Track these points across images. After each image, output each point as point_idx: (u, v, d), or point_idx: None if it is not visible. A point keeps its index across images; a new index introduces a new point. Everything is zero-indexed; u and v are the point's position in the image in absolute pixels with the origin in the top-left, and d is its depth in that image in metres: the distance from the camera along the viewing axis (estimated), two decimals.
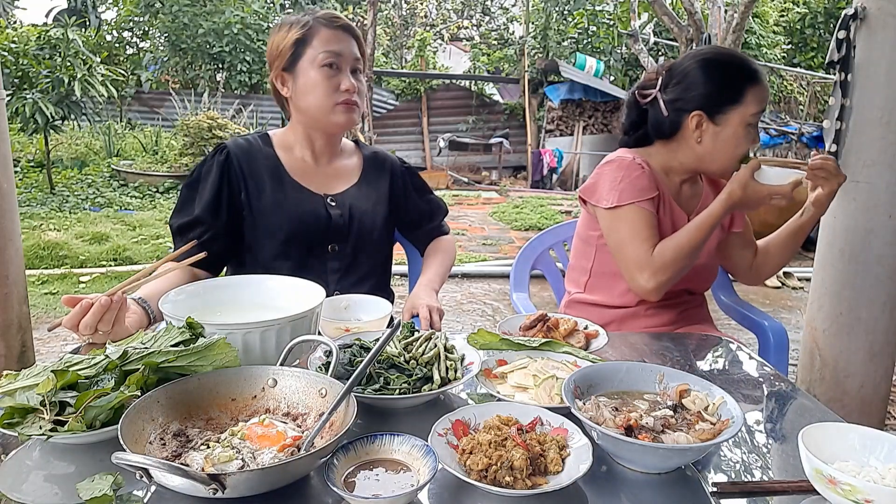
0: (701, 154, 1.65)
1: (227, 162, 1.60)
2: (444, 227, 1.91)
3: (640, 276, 1.58)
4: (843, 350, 2.41)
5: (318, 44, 1.56)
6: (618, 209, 1.62)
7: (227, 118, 8.30)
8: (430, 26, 17.40)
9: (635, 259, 1.59)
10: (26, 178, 7.89)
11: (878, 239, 2.30)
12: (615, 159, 1.70)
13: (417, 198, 1.83)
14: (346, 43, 1.58)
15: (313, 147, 1.67)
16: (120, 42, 12.58)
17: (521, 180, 11.10)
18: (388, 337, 0.99)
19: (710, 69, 1.61)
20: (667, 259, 1.55)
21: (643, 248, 1.58)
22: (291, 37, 1.57)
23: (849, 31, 2.28)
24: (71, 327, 1.18)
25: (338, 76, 1.57)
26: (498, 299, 4.68)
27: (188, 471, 0.73)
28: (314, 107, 1.57)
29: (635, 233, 1.60)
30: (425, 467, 0.83)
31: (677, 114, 1.65)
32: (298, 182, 1.63)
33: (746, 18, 7.42)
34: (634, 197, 1.61)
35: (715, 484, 0.89)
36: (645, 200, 1.62)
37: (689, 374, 1.04)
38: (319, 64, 1.55)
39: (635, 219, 1.61)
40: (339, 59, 1.56)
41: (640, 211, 1.61)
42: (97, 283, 4.71)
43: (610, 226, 1.66)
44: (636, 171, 1.64)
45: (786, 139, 8.41)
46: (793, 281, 5.23)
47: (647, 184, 1.63)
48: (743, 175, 1.53)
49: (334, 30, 1.58)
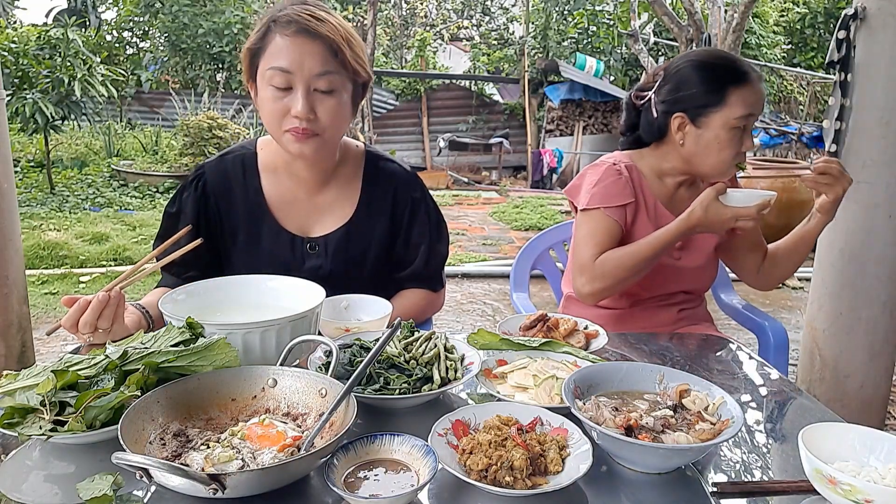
0: (686, 156, 1.64)
1: (204, 197, 1.45)
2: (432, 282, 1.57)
3: (578, 279, 1.61)
4: (843, 350, 2.41)
5: (269, 56, 1.30)
6: (586, 211, 1.65)
7: (227, 118, 8.29)
8: (430, 26, 17.40)
9: (579, 262, 1.62)
10: (26, 178, 7.88)
11: (878, 239, 2.30)
12: (599, 163, 1.73)
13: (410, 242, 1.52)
14: (304, 55, 1.27)
15: (297, 173, 1.44)
16: (120, 42, 12.58)
17: (521, 180, 11.10)
18: (388, 337, 0.99)
19: (695, 71, 1.60)
20: (606, 269, 1.57)
21: (589, 253, 1.60)
22: (248, 44, 1.35)
23: (849, 31, 2.29)
24: (70, 327, 1.15)
25: (286, 98, 1.29)
26: (498, 299, 4.67)
27: (188, 471, 0.73)
28: (268, 130, 1.36)
29: (589, 237, 1.62)
30: (425, 467, 0.83)
31: (664, 116, 1.64)
32: (277, 221, 1.45)
33: (746, 18, 7.42)
34: (603, 202, 1.63)
35: (715, 484, 0.89)
36: (612, 208, 1.62)
37: (689, 374, 1.04)
38: (268, 82, 1.30)
39: (595, 224, 1.63)
40: (289, 77, 1.28)
41: (603, 218, 1.63)
42: (97, 283, 4.70)
43: (576, 225, 1.71)
44: (612, 177, 1.66)
45: (786, 139, 8.41)
46: (793, 281, 5.22)
47: (621, 191, 1.65)
48: (704, 197, 1.50)
49: (290, 37, 1.28)
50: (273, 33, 1.30)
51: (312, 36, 1.28)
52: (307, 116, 1.28)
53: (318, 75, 1.29)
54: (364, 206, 1.48)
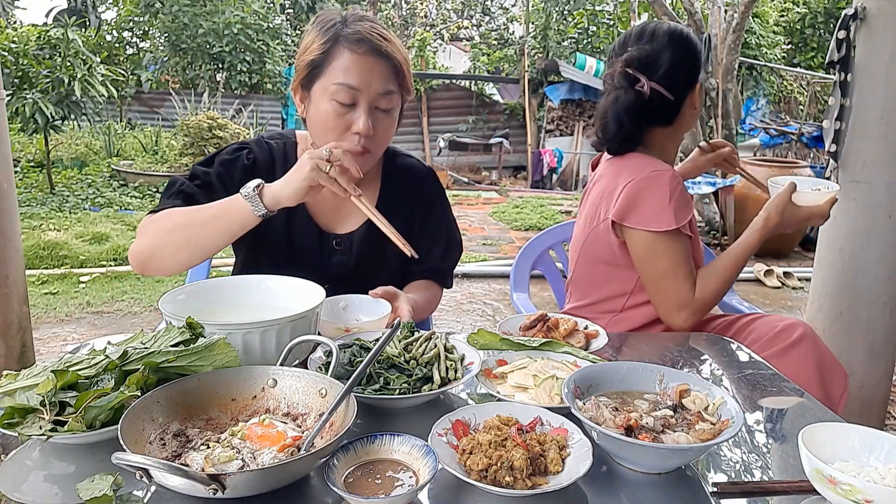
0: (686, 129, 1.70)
1: (254, 168, 1.43)
2: (445, 278, 1.61)
3: (678, 315, 1.54)
4: (843, 350, 2.41)
5: (334, 70, 1.31)
6: (669, 234, 1.53)
7: (227, 118, 8.29)
8: (430, 26, 17.39)
9: (675, 297, 1.53)
10: (26, 178, 7.88)
11: (878, 239, 2.30)
12: (652, 176, 1.57)
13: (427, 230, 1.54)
14: (372, 72, 1.31)
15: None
16: (120, 42, 12.57)
17: (521, 180, 11.09)
18: (388, 337, 0.99)
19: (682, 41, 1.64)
20: (706, 299, 1.54)
21: (685, 287, 1.53)
22: (310, 54, 1.34)
23: (849, 31, 2.28)
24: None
25: (351, 114, 1.32)
26: (498, 299, 4.67)
27: (188, 471, 0.73)
28: (320, 142, 1.36)
29: (677, 267, 1.53)
30: (425, 467, 0.83)
31: (683, 91, 1.63)
32: (310, 214, 1.47)
33: (746, 18, 7.41)
34: (686, 217, 1.54)
35: (715, 484, 0.89)
36: (687, 223, 1.55)
37: (689, 374, 1.04)
38: (331, 96, 1.31)
39: (677, 249, 1.53)
40: (355, 94, 1.30)
41: (683, 239, 1.54)
42: (97, 283, 4.71)
43: (650, 250, 1.55)
44: (679, 187, 1.56)
45: (786, 139, 8.42)
46: (793, 281, 5.23)
47: (689, 198, 1.58)
48: (780, 200, 1.48)
49: (360, 55, 1.30)
50: (341, 48, 1.31)
51: (381, 56, 1.32)
52: (369, 133, 1.32)
53: (381, 94, 1.33)
54: (383, 202, 1.50)
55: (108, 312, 4.16)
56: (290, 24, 12.78)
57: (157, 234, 1.31)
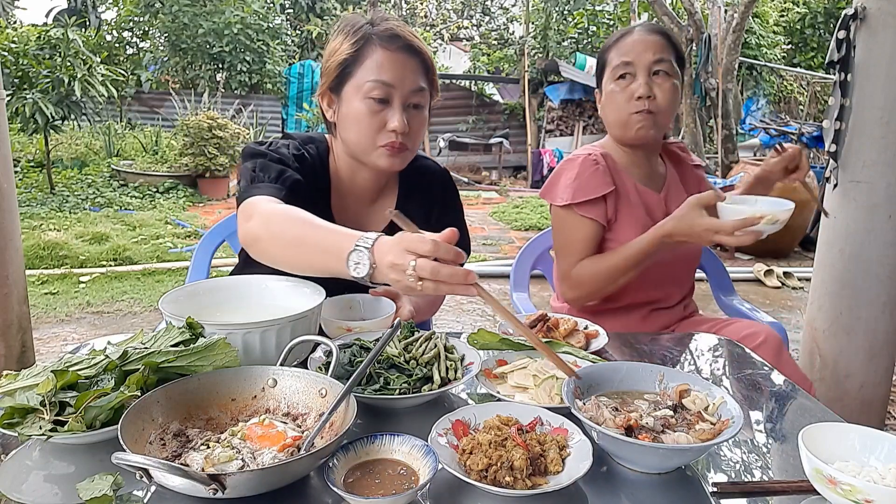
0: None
1: (301, 160, 1.38)
2: None
3: (560, 285, 1.67)
4: (843, 350, 2.41)
5: (367, 68, 1.30)
6: (567, 209, 1.63)
7: (227, 118, 8.29)
8: (430, 26, 17.39)
9: (559, 269, 1.68)
10: (26, 178, 7.89)
11: (878, 239, 2.30)
12: (573, 157, 1.70)
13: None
14: (406, 69, 1.31)
15: (358, 184, 1.46)
16: (120, 42, 12.57)
17: (521, 180, 11.09)
18: (388, 337, 0.99)
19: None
20: (582, 279, 1.61)
21: (567, 262, 1.64)
22: (340, 54, 1.33)
23: (849, 31, 2.28)
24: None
25: (385, 112, 1.31)
26: (498, 299, 4.67)
27: (188, 471, 0.73)
28: (353, 143, 1.35)
29: (569, 244, 1.64)
30: (425, 467, 0.83)
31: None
32: (334, 218, 1.42)
33: (746, 18, 7.42)
34: (586, 195, 1.61)
35: (715, 484, 0.89)
36: (590, 206, 1.60)
37: (689, 374, 1.04)
38: (365, 94, 1.30)
39: (575, 229, 1.63)
40: (390, 91, 1.30)
41: (580, 221, 1.62)
42: (97, 283, 4.71)
43: (557, 224, 1.69)
44: (590, 169, 1.64)
45: (786, 139, 8.42)
46: (793, 281, 5.23)
47: (601, 181, 1.62)
48: (685, 204, 1.41)
49: (393, 52, 1.30)
50: (373, 46, 1.31)
51: (413, 52, 1.33)
52: (405, 130, 1.31)
53: (414, 90, 1.32)
54: (401, 204, 1.51)
55: (108, 312, 4.16)
56: (290, 24, 12.78)
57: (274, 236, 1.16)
